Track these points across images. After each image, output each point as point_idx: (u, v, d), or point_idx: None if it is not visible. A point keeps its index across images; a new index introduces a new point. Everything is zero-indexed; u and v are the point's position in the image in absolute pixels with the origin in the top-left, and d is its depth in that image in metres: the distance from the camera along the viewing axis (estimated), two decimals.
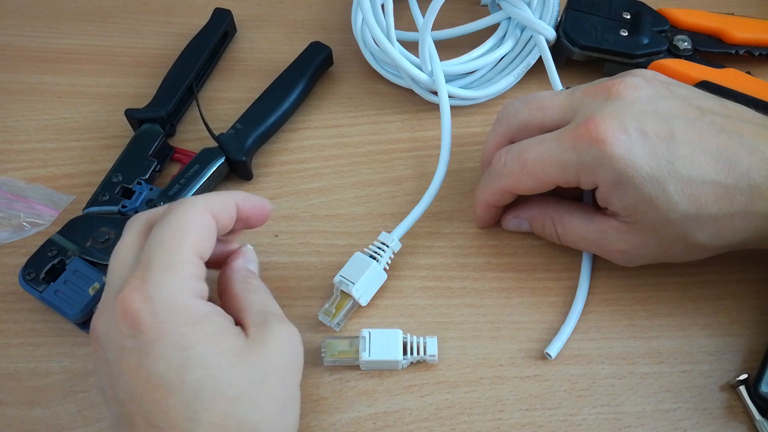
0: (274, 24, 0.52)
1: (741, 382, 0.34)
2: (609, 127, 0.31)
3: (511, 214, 0.39)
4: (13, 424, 0.34)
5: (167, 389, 0.26)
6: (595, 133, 0.31)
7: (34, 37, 0.51)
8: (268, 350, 0.29)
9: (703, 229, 0.32)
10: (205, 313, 0.28)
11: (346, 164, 0.44)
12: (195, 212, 0.30)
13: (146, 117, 0.44)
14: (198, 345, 0.27)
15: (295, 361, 0.30)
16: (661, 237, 0.33)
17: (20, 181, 0.43)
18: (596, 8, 0.47)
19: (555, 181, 0.34)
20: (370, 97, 0.48)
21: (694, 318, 0.37)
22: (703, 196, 0.31)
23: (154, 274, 0.27)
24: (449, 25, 0.48)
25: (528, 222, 0.39)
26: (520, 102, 0.36)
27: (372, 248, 0.38)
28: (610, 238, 0.34)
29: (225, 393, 0.26)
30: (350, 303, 0.37)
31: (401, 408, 0.35)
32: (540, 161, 0.34)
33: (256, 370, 0.28)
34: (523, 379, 0.35)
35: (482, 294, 0.38)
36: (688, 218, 0.31)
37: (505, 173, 0.35)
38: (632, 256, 0.35)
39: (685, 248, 0.33)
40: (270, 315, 0.30)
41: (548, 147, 0.33)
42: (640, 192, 0.31)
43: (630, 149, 0.31)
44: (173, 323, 0.27)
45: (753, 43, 0.47)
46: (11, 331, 0.38)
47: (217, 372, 0.27)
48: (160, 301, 0.27)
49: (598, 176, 0.32)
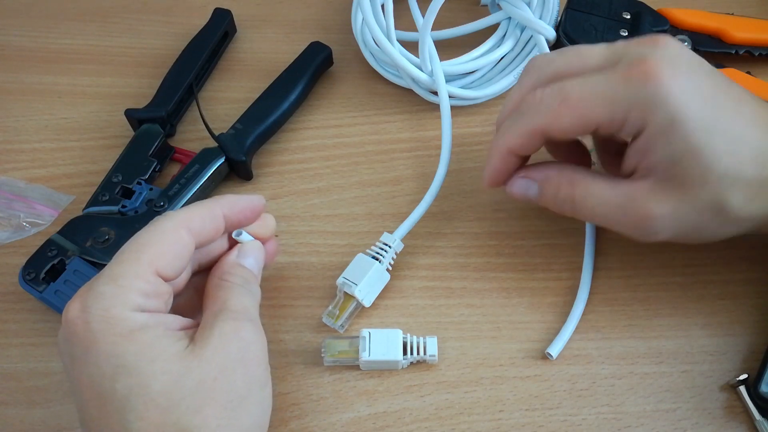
0: (274, 24, 0.52)
1: (741, 382, 0.34)
2: (665, 67, 0.30)
3: (521, 173, 0.35)
4: (13, 424, 0.34)
5: (104, 397, 0.26)
6: (651, 70, 0.30)
7: (34, 37, 0.51)
8: (210, 351, 0.27)
9: (737, 191, 0.30)
10: (142, 324, 0.27)
11: (346, 164, 0.44)
12: (165, 228, 0.29)
13: (146, 117, 0.44)
14: (129, 354, 0.26)
15: (245, 358, 0.29)
16: (696, 198, 0.31)
17: (20, 181, 0.43)
18: (596, 8, 0.47)
19: (599, 120, 0.31)
20: (370, 97, 0.48)
21: (694, 318, 0.37)
22: (742, 154, 0.30)
23: (98, 286, 0.28)
24: (449, 25, 0.48)
25: (539, 185, 0.35)
26: (554, 53, 0.34)
27: (374, 249, 0.38)
28: (640, 202, 0.31)
29: (156, 401, 0.26)
30: (354, 304, 0.37)
31: (401, 408, 0.35)
32: (586, 94, 0.31)
33: (194, 374, 0.27)
34: (523, 379, 0.35)
35: (482, 294, 0.38)
36: (727, 176, 0.30)
37: (542, 109, 0.32)
38: (660, 224, 0.32)
39: (717, 216, 0.31)
40: (222, 312, 0.29)
41: (596, 81, 0.31)
42: (690, 138, 0.30)
43: (686, 92, 0.30)
44: (104, 333, 0.26)
45: (753, 43, 0.47)
46: (11, 331, 0.38)
47: (146, 380, 0.26)
48: (94, 312, 0.27)
49: (650, 116, 0.30)
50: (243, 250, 0.33)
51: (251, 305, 0.31)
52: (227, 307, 0.30)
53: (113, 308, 0.27)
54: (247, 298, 0.31)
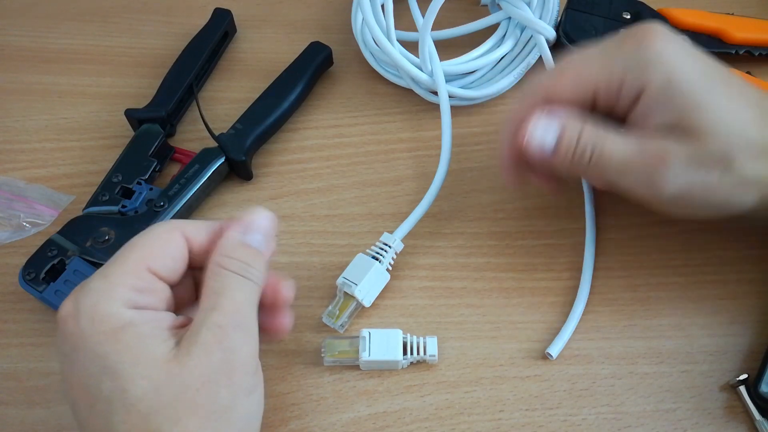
0: (274, 24, 0.52)
1: (741, 382, 0.34)
2: (657, 34, 0.32)
3: (547, 108, 0.33)
4: (13, 424, 0.34)
5: (92, 397, 0.26)
6: (642, 35, 0.32)
7: (34, 37, 0.51)
8: (194, 361, 0.26)
9: (743, 151, 0.31)
10: (129, 321, 0.27)
11: (346, 164, 0.44)
12: (158, 230, 0.29)
13: (146, 117, 0.44)
14: (113, 354, 0.26)
15: (231, 368, 0.27)
16: (706, 150, 0.31)
17: (20, 181, 0.43)
18: (596, 8, 0.47)
19: (596, 82, 0.33)
20: (370, 97, 0.48)
21: (694, 318, 0.37)
22: (742, 114, 0.31)
23: (89, 283, 0.28)
24: (449, 25, 0.48)
25: (560, 128, 0.33)
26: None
27: (374, 249, 0.38)
28: (656, 144, 0.31)
29: (136, 407, 0.25)
30: (354, 304, 0.37)
31: (401, 408, 0.35)
32: (583, 59, 0.33)
33: (175, 382, 0.26)
34: (523, 379, 0.35)
35: (482, 294, 0.38)
36: (732, 134, 0.31)
37: (544, 75, 0.35)
38: (674, 170, 0.31)
39: (724, 175, 0.31)
40: (211, 315, 0.27)
41: (592, 51, 0.33)
42: (690, 96, 0.31)
43: (679, 53, 0.31)
44: (91, 331, 0.26)
45: (753, 43, 0.47)
46: (11, 331, 0.38)
47: (126, 384, 0.26)
48: (83, 309, 0.27)
49: (648, 75, 0.31)
50: (250, 224, 0.30)
51: (246, 300, 0.29)
52: (217, 307, 0.28)
53: (101, 303, 0.27)
54: (242, 293, 0.29)
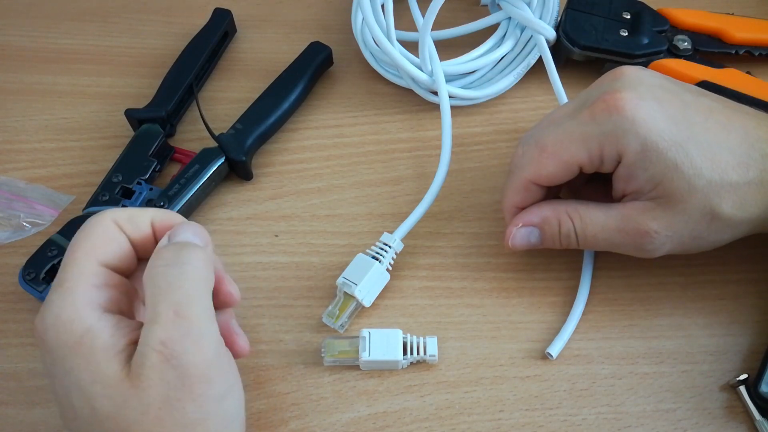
0: (274, 24, 0.52)
1: (741, 382, 0.34)
2: (626, 96, 0.32)
3: (518, 220, 0.36)
4: (13, 424, 0.34)
5: (72, 409, 0.27)
6: (613, 102, 0.32)
7: (34, 37, 0.51)
8: (146, 383, 0.26)
9: (726, 197, 0.31)
10: (87, 328, 0.26)
11: (346, 164, 0.44)
12: (89, 224, 0.29)
13: (146, 117, 0.44)
14: (76, 370, 0.26)
15: (188, 383, 0.26)
16: (688, 210, 0.32)
17: (20, 181, 0.43)
18: (596, 8, 0.47)
19: (578, 160, 0.33)
20: (370, 97, 0.48)
21: (694, 318, 0.37)
22: (722, 162, 0.31)
23: (50, 295, 0.28)
24: (449, 25, 0.48)
25: (539, 228, 0.36)
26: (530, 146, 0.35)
27: (374, 249, 0.38)
28: (636, 220, 0.33)
29: (105, 425, 0.26)
30: (354, 304, 0.37)
31: (401, 408, 0.35)
32: (560, 140, 0.33)
33: (134, 404, 0.26)
34: (523, 379, 0.35)
35: (482, 294, 0.38)
36: (712, 185, 0.31)
37: (525, 162, 0.35)
38: (658, 240, 0.33)
39: (712, 223, 0.32)
40: (152, 331, 0.26)
41: (567, 126, 0.33)
42: (665, 158, 0.31)
43: (650, 114, 0.31)
44: (57, 344, 0.26)
45: (753, 43, 0.47)
46: (11, 331, 0.38)
47: (93, 402, 0.26)
48: (48, 323, 0.27)
49: (623, 144, 0.32)
50: (176, 230, 0.29)
51: (185, 296, 0.27)
52: (157, 319, 0.26)
53: (63, 312, 0.27)
54: (180, 290, 0.27)
